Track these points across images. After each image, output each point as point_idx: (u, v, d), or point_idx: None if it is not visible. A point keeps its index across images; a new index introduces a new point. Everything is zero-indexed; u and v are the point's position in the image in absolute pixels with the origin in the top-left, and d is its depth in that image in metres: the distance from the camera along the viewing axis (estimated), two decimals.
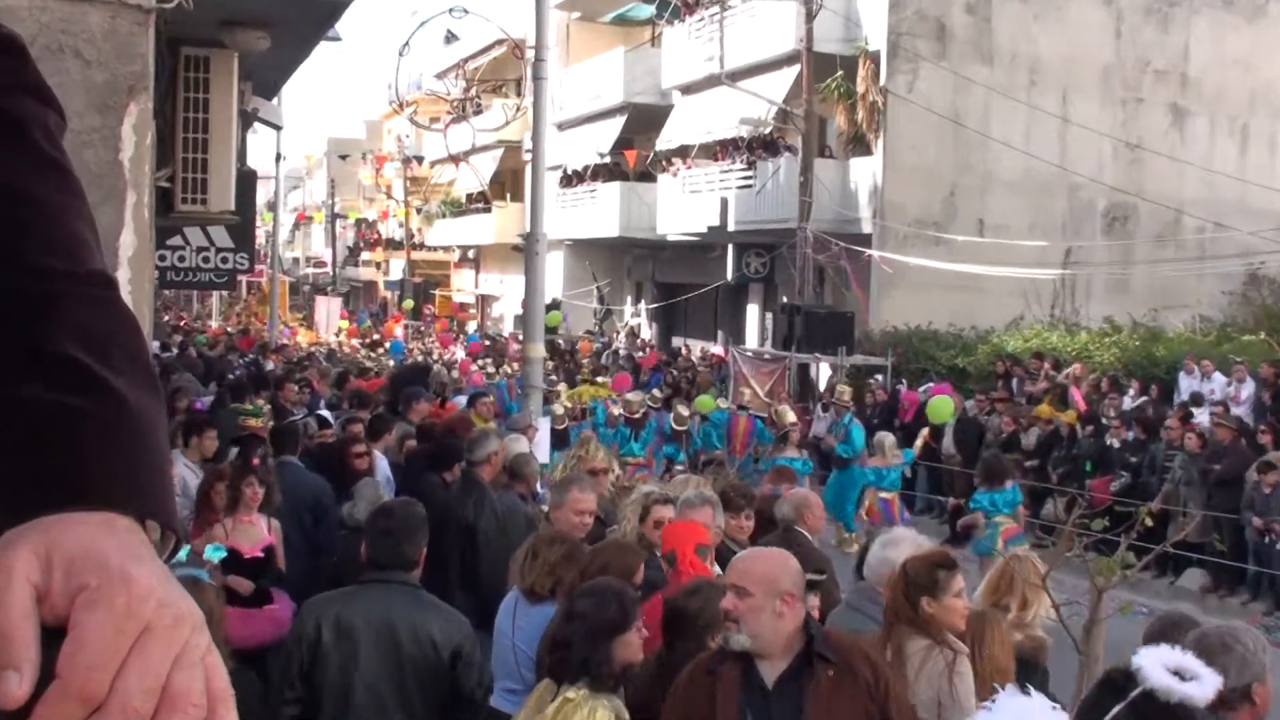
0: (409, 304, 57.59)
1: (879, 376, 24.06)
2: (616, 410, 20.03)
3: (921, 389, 22.59)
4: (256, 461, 9.00)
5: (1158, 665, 3.10)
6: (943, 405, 19.33)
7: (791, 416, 19.11)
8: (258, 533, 8.12)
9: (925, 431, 18.98)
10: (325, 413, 13.14)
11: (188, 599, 0.97)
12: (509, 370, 28.94)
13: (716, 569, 6.30)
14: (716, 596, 4.86)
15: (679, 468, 19.02)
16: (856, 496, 17.73)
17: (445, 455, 9.71)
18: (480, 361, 32.71)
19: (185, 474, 9.50)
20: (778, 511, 8.35)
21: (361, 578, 5.71)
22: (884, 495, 16.83)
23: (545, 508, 8.17)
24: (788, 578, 4.48)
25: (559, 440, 16.20)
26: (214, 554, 6.60)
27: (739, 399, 24.05)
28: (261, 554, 7.99)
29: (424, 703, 5.54)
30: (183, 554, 6.17)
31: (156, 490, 1.07)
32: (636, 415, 19.63)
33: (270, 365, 27.18)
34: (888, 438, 17.24)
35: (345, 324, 49.66)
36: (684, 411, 20.54)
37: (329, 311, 52.36)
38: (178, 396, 13.84)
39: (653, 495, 7.37)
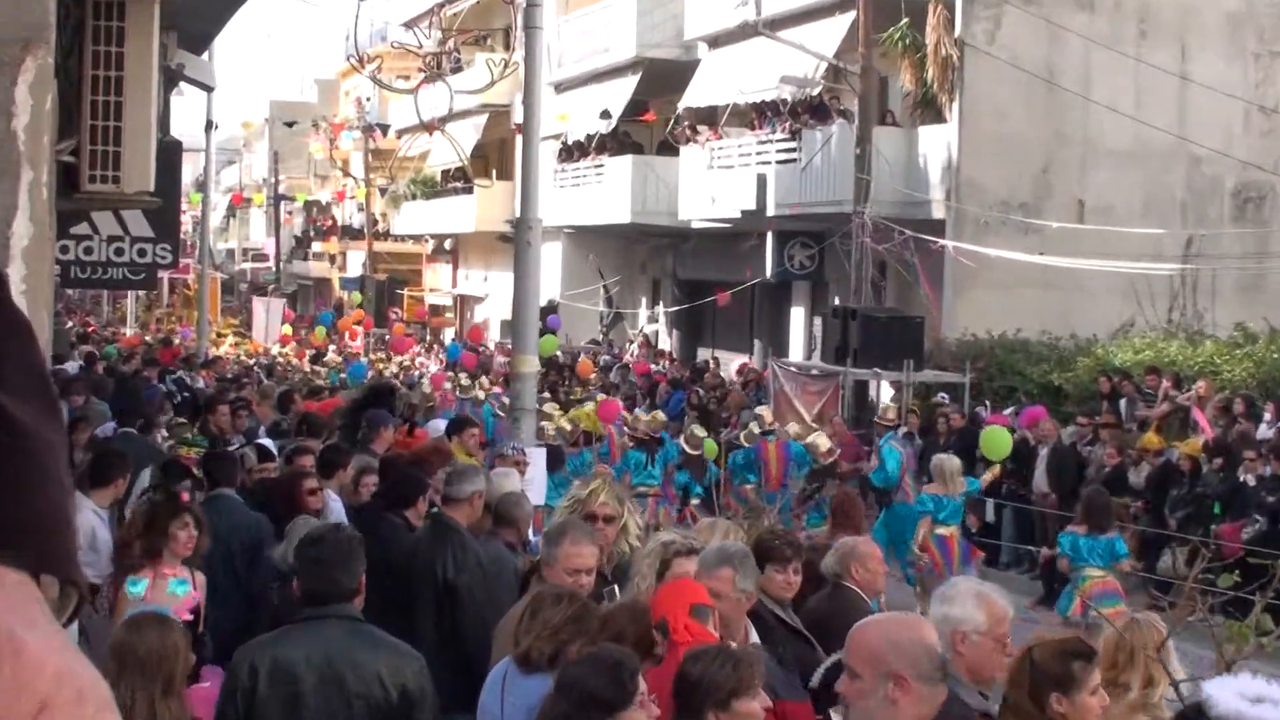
0: (356, 297, 57.55)
1: (945, 395, 24.01)
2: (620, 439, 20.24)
3: (1008, 411, 22.55)
4: (186, 497, 9.02)
5: (1229, 693, 3.15)
6: (998, 439, 19.16)
7: (826, 444, 19.11)
8: (185, 590, 8.09)
9: (995, 468, 18.91)
10: (267, 441, 13.17)
11: (91, 671, 0.96)
12: (484, 387, 29.01)
13: (755, 634, 6.28)
14: (726, 663, 4.85)
15: (696, 501, 19.12)
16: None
17: (405, 490, 9.71)
18: (451, 375, 32.74)
19: (94, 522, 9.42)
20: (824, 565, 8.34)
21: (295, 615, 6.09)
22: (941, 531, 16.74)
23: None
24: (902, 656, 4.38)
25: (552, 464, 16.18)
26: (179, 588, 7.23)
27: (781, 420, 24.03)
28: (190, 616, 7.95)
29: None
30: (139, 587, 6.98)
31: (54, 537, 1.05)
32: (652, 436, 19.65)
33: (199, 383, 27.30)
34: (950, 461, 17.15)
35: (289, 329, 49.69)
36: (700, 432, 20.54)
37: (269, 315, 52.54)
38: (80, 426, 13.83)
39: (673, 546, 7.35)
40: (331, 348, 46.09)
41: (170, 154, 16.25)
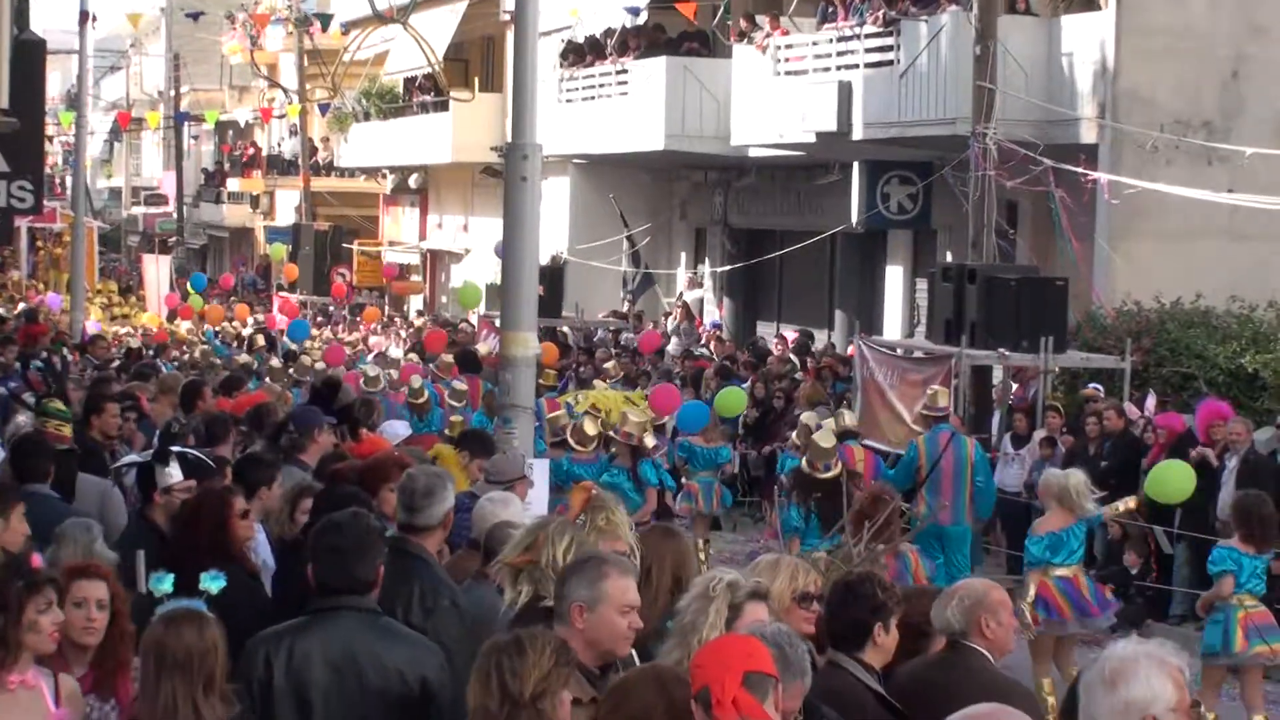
0: (279, 250, 57.41)
1: (1098, 386, 23.99)
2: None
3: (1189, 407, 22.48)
4: (38, 561, 8.49)
5: None
6: (1173, 478, 19.08)
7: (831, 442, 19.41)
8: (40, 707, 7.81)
9: (1132, 499, 18.94)
10: (189, 451, 13.10)
11: None
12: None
13: None
14: None
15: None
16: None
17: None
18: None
19: None
20: (937, 617, 8.38)
21: (310, 605, 7.48)
22: (1061, 573, 16.87)
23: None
24: None
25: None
26: (212, 584, 7.42)
27: (870, 422, 24.07)
28: None
29: None
30: (167, 583, 7.16)
31: None
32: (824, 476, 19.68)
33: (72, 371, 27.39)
34: (1071, 477, 17.26)
35: (198, 299, 49.68)
36: (827, 442, 20.52)
37: (159, 277, 52.71)
38: None
39: (741, 589, 7.45)
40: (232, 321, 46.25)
41: (30, 57, 16.33)
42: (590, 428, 21.17)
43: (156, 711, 6.83)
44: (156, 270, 53.65)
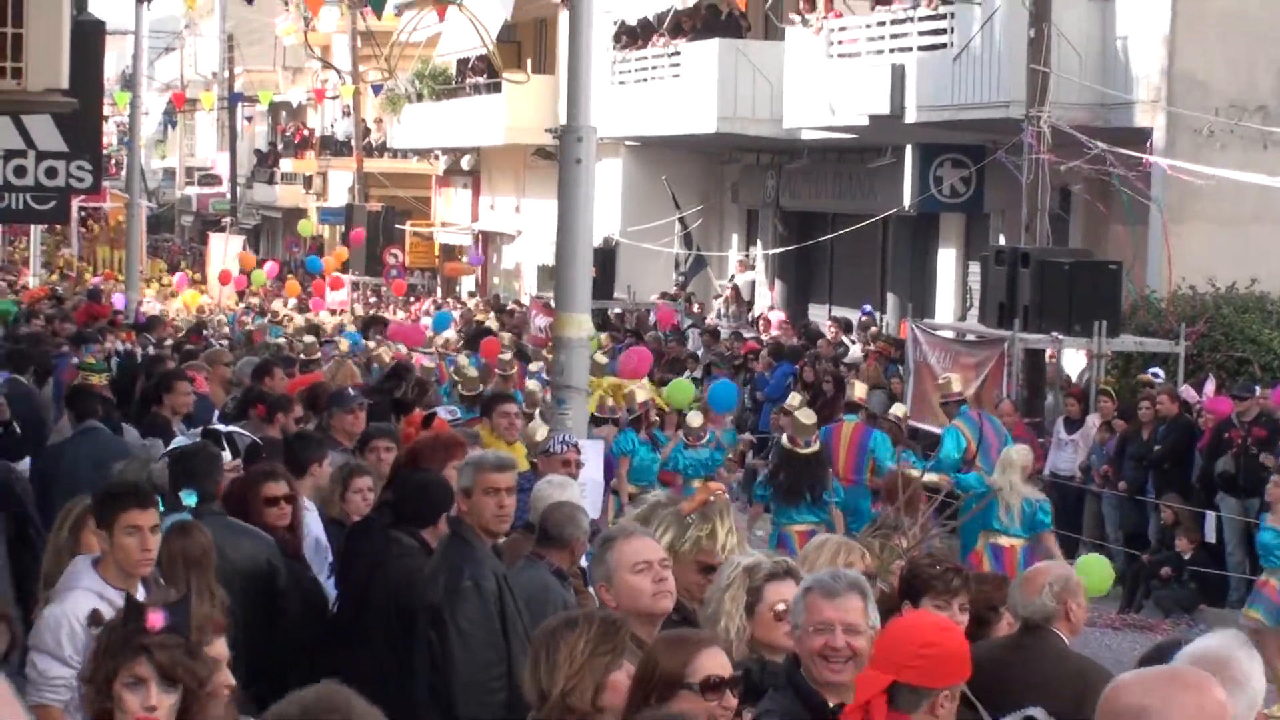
0: (306, 226, 57.09)
1: (1159, 372, 23.92)
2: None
3: (1244, 391, 22.35)
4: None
5: None
6: (1095, 571, 19.22)
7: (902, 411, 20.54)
8: None
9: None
10: (240, 431, 13.09)
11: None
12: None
13: None
14: None
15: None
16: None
17: (424, 502, 9.82)
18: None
19: None
20: (1021, 603, 8.36)
21: None
22: (1002, 541, 17.22)
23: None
24: None
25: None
26: (189, 499, 8.93)
27: (922, 404, 24.11)
28: None
29: None
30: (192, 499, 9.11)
31: None
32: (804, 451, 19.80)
33: (132, 351, 27.42)
34: (1015, 452, 17.70)
35: (262, 278, 49.77)
36: (808, 418, 20.69)
37: (224, 256, 52.90)
38: None
39: (763, 568, 7.42)
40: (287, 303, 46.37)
41: (89, 39, 16.36)
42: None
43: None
44: (224, 249, 53.72)
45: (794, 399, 22.07)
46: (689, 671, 5.84)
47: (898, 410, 22.36)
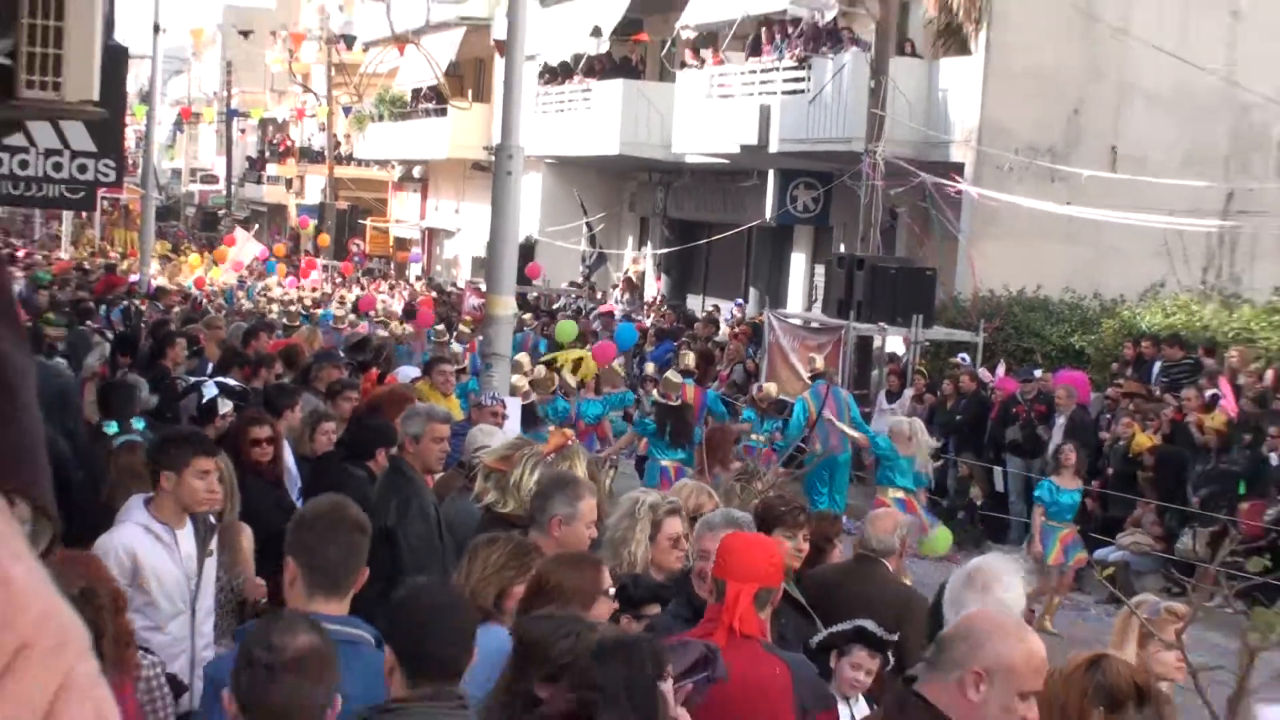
0: (307, 226, 56.82)
1: (965, 357, 24.08)
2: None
3: (1027, 375, 22.55)
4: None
5: None
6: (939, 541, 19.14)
7: (775, 390, 20.98)
8: None
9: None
10: (230, 381, 13.00)
11: (73, 614, 0.98)
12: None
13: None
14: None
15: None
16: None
17: (366, 438, 9.89)
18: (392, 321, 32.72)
19: None
20: (874, 539, 8.41)
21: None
22: (898, 495, 17.38)
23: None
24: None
25: (528, 421, 16.48)
26: (137, 422, 8.75)
27: (774, 377, 24.16)
28: None
29: None
30: (113, 427, 9.06)
31: (28, 460, 1.09)
32: (675, 404, 19.67)
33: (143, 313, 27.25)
34: (905, 424, 17.95)
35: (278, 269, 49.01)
36: (676, 379, 20.45)
37: (242, 249, 52.32)
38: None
39: (662, 505, 7.48)
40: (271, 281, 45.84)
41: (115, 60, 16.18)
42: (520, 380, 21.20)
43: None
44: (244, 242, 52.99)
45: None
46: (604, 583, 5.89)
47: (770, 389, 22.29)
